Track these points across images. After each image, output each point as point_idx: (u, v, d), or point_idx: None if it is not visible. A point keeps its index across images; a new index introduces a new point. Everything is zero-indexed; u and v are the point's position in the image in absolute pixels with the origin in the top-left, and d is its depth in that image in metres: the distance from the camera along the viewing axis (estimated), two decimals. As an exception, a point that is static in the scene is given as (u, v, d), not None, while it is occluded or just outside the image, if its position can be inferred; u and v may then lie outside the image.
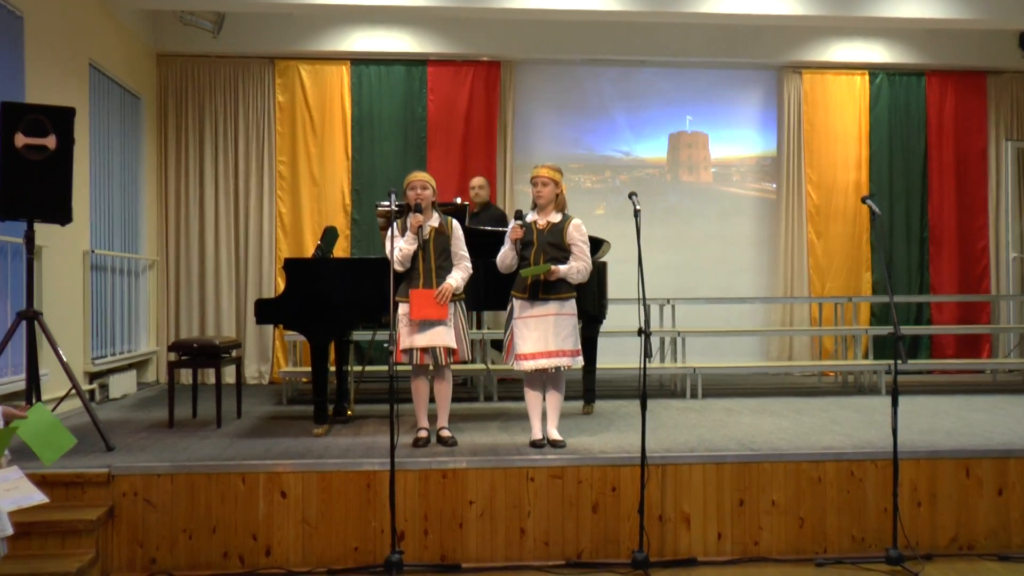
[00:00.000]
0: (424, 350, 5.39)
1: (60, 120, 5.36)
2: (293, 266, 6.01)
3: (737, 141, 10.31)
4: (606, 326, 7.14)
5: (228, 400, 6.97)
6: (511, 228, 5.46)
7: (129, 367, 8.44)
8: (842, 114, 10.12)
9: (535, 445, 5.42)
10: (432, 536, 5.03)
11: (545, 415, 5.61)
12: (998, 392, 8.29)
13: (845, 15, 8.58)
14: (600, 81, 10.08)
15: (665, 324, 9.01)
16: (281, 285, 9.07)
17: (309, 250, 9.17)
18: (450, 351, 5.44)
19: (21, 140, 5.26)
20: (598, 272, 6.64)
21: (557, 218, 5.51)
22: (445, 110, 9.59)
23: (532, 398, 5.57)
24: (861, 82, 10.13)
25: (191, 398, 6.91)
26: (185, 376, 8.94)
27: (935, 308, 10.18)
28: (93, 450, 5.37)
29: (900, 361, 4.87)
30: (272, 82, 9.46)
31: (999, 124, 10.21)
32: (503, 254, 5.53)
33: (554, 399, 5.57)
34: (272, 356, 9.31)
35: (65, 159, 5.36)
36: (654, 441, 5.55)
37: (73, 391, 5.50)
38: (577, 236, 5.50)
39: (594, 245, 6.58)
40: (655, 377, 8.93)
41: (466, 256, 5.61)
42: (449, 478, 5.06)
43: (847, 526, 5.23)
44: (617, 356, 8.36)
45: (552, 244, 5.45)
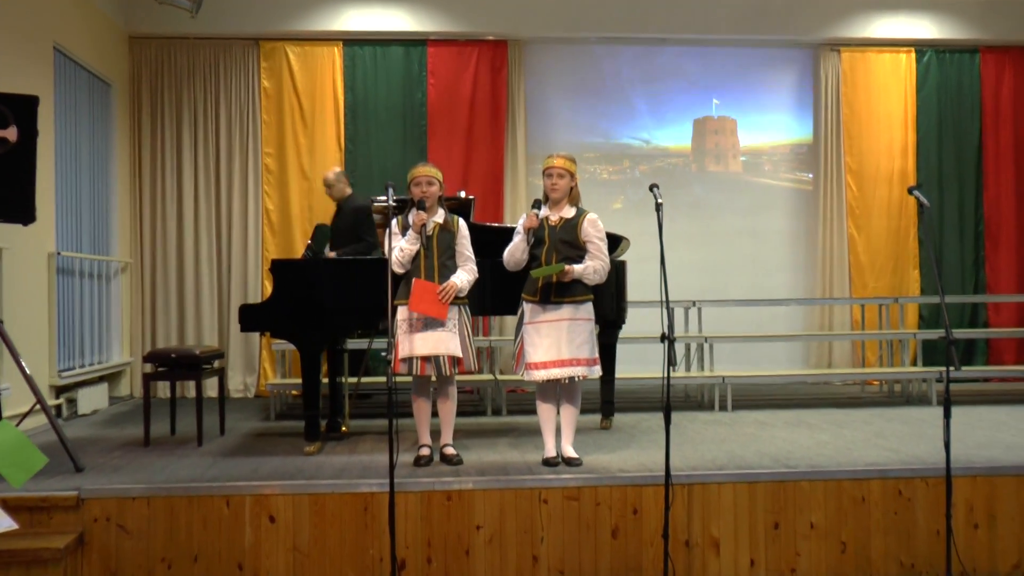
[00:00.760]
0: (426, 359, 5.38)
1: (22, 110, 5.37)
2: (281, 268, 6.01)
3: (769, 127, 10.29)
4: (625, 332, 7.12)
5: (210, 415, 6.97)
6: (525, 217, 5.44)
7: (100, 380, 8.46)
8: (886, 96, 10.10)
9: (548, 463, 5.41)
10: (436, 564, 5.02)
11: (559, 430, 5.60)
12: (1061, 402, 8.26)
13: (888, -14, 8.59)
14: (617, 61, 10.08)
15: (691, 329, 8.99)
16: (268, 289, 9.08)
17: (299, 250, 9.18)
18: (454, 360, 5.42)
19: (-21, 132, 5.28)
20: (616, 272, 6.63)
21: (571, 213, 5.50)
22: (447, 95, 9.60)
23: (544, 412, 5.57)
24: (907, 60, 10.11)
25: (169, 413, 6.91)
26: (162, 389, 8.97)
27: (992, 309, 10.14)
28: (60, 471, 5.37)
29: (953, 368, 4.85)
30: (257, 66, 9.49)
31: (1061, 105, 10.20)
32: (512, 247, 5.50)
33: (569, 413, 5.55)
34: (258, 367, 9.33)
35: (28, 153, 5.36)
36: (679, 458, 5.54)
37: (38, 406, 5.51)
38: (593, 232, 5.49)
39: (612, 242, 6.56)
40: (680, 388, 8.91)
41: (472, 257, 5.61)
42: (454, 500, 5.05)
43: (894, 551, 5.20)
44: (638, 365, 8.35)
45: (566, 242, 5.43)
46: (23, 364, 5.47)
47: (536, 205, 5.47)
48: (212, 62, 9.47)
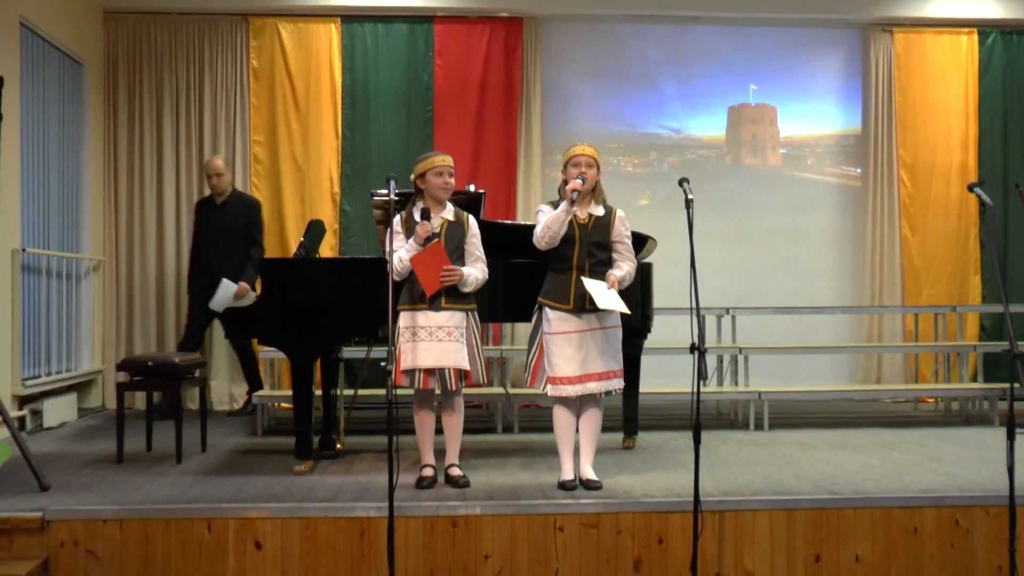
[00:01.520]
0: (429, 372, 5.39)
1: (-14, 91, 5.41)
2: (270, 268, 6.03)
3: (812, 116, 10.27)
4: (651, 341, 7.13)
5: (190, 430, 6.99)
6: (569, 184, 5.36)
7: (68, 390, 8.50)
8: (944, 82, 10.07)
9: (565, 487, 5.41)
10: (438, 597, 5.04)
11: (577, 449, 5.60)
12: None
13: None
14: (644, 42, 10.08)
15: (724, 339, 8.99)
16: (257, 290, 9.10)
17: (290, 248, 9.21)
18: (461, 373, 5.44)
19: (-63, 116, 5.31)
20: (642, 276, 6.64)
21: (600, 211, 5.52)
22: (456, 78, 9.62)
23: (563, 428, 5.56)
24: (968, 42, 10.08)
25: (144, 427, 6.93)
26: (138, 401, 8.99)
27: (1060, 320, 10.11)
28: (24, 490, 5.40)
29: (1017, 385, 4.83)
30: (245, 44, 9.52)
31: None
32: (551, 220, 5.37)
33: (591, 430, 5.56)
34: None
35: (-8, 138, 5.40)
36: (710, 482, 5.54)
37: None
38: (624, 232, 5.56)
39: (637, 243, 6.57)
40: (711, 404, 8.90)
41: (483, 258, 5.63)
42: (460, 527, 5.06)
43: (950, 588, 5.20)
44: (664, 378, 8.34)
45: (597, 244, 5.46)
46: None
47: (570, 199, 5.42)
48: (195, 40, 9.50)
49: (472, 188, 6.79)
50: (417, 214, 5.49)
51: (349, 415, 7.21)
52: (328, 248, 9.20)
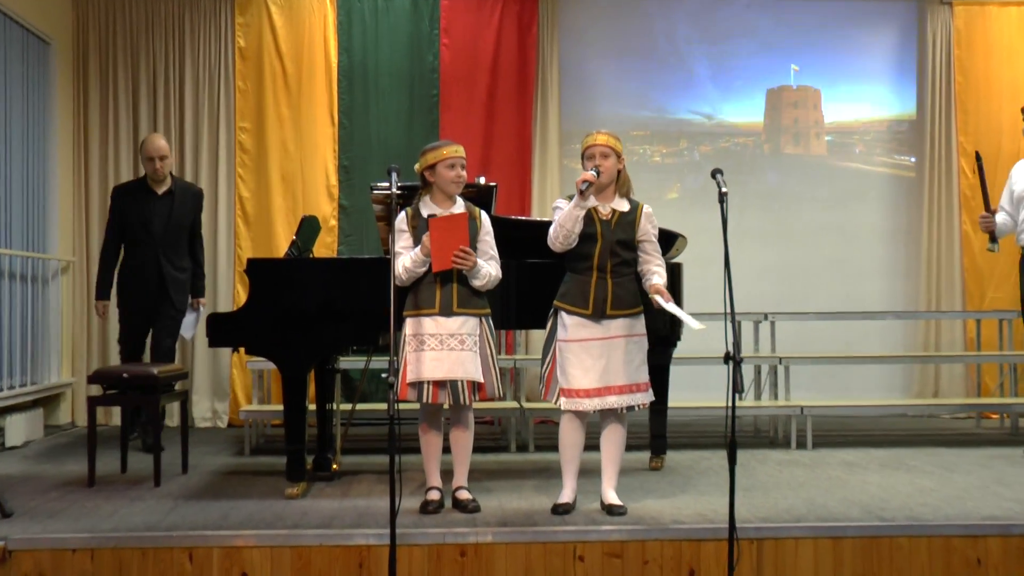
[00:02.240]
0: (439, 385, 5.39)
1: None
2: (259, 269, 6.04)
3: (861, 99, 10.26)
4: (680, 350, 7.13)
5: (171, 449, 7.02)
6: (582, 175, 5.37)
7: (33, 405, 8.53)
8: (1010, 60, 10.06)
9: (557, 511, 5.42)
10: (445, 635, 5.05)
11: (584, 469, 5.60)
12: None
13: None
14: (673, 18, 10.10)
15: (762, 347, 8.99)
16: (243, 295, 9.13)
17: (281, 247, 9.22)
18: (475, 386, 5.45)
19: None
20: (671, 277, 6.63)
21: (624, 206, 5.52)
22: (464, 58, 9.63)
23: (569, 446, 5.55)
24: (1036, 16, 10.08)
25: (119, 446, 6.96)
26: (112, 417, 9.01)
27: None
28: (-11, 516, 5.43)
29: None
30: (230, 21, 9.54)
31: None
32: (564, 218, 5.35)
33: (613, 449, 5.56)
34: (230, 390, 9.38)
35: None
36: (747, 506, 5.54)
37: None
38: (651, 229, 5.56)
39: (666, 241, 6.57)
40: (748, 419, 8.90)
41: (497, 257, 5.64)
42: (469, 556, 5.07)
43: (1016, 625, 5.19)
44: (696, 391, 8.34)
45: (622, 242, 5.45)
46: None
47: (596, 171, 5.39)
48: (175, 16, 9.53)
49: (482, 181, 6.78)
50: (424, 210, 5.51)
51: (346, 432, 7.22)
52: (323, 247, 9.20)
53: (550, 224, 5.49)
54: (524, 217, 8.82)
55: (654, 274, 5.51)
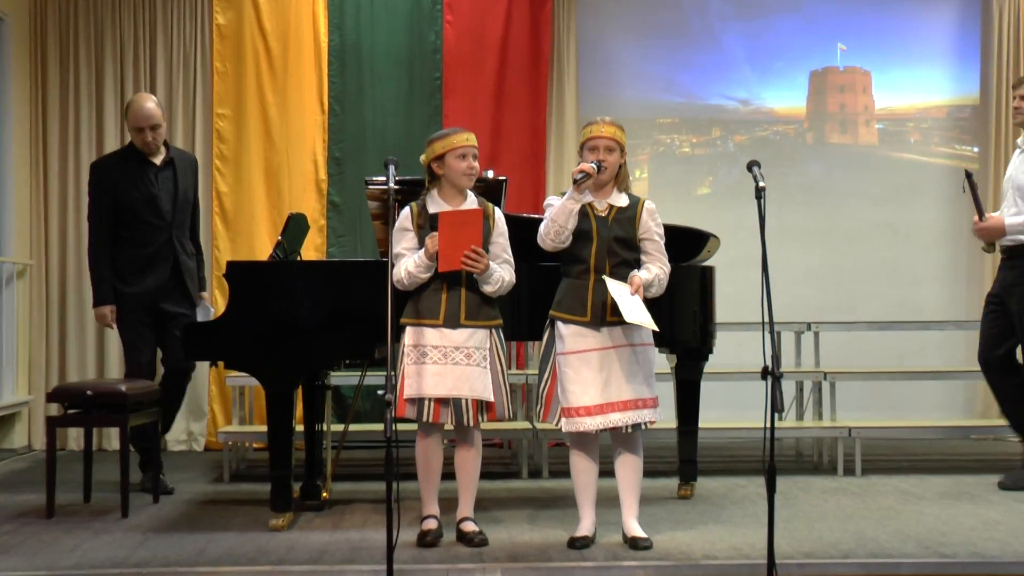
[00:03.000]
0: (442, 402, 5.38)
1: None
2: (240, 273, 6.05)
3: (917, 82, 10.25)
4: (712, 364, 7.12)
5: (140, 475, 7.03)
6: (579, 165, 5.37)
7: (-13, 426, 8.54)
8: (1084, 38, 10.06)
9: (574, 544, 5.42)
10: None
11: (604, 497, 5.60)
12: None
13: None
14: (705, -9, 10.13)
15: (804, 362, 8.97)
16: (222, 302, 9.14)
17: (264, 249, 9.23)
18: (483, 406, 5.44)
19: None
20: (702, 282, 6.63)
21: (623, 201, 5.51)
22: (470, 37, 9.64)
23: (581, 473, 5.55)
24: (1117, -13, 10.07)
25: (82, 472, 6.97)
26: (73, 439, 9.01)
27: None
28: (-63, 550, 5.45)
29: None
30: (209, -5, 9.57)
31: None
32: (556, 212, 5.34)
33: (631, 475, 5.54)
34: (208, 409, 9.39)
35: None
36: (788, 540, 5.53)
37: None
38: (654, 227, 5.53)
39: (695, 241, 6.57)
40: (789, 442, 8.90)
41: (511, 261, 5.63)
42: (475, 595, 5.07)
43: (1092, 675, 5.18)
44: (730, 410, 8.34)
45: (621, 240, 5.44)
46: None
47: (597, 166, 5.39)
48: (148, -10, 9.57)
49: (491, 175, 6.80)
50: (432, 206, 5.50)
51: (338, 456, 7.23)
52: (312, 249, 9.21)
53: None
54: (537, 215, 8.80)
55: (644, 268, 5.46)
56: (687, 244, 6.64)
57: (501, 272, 5.48)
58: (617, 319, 5.34)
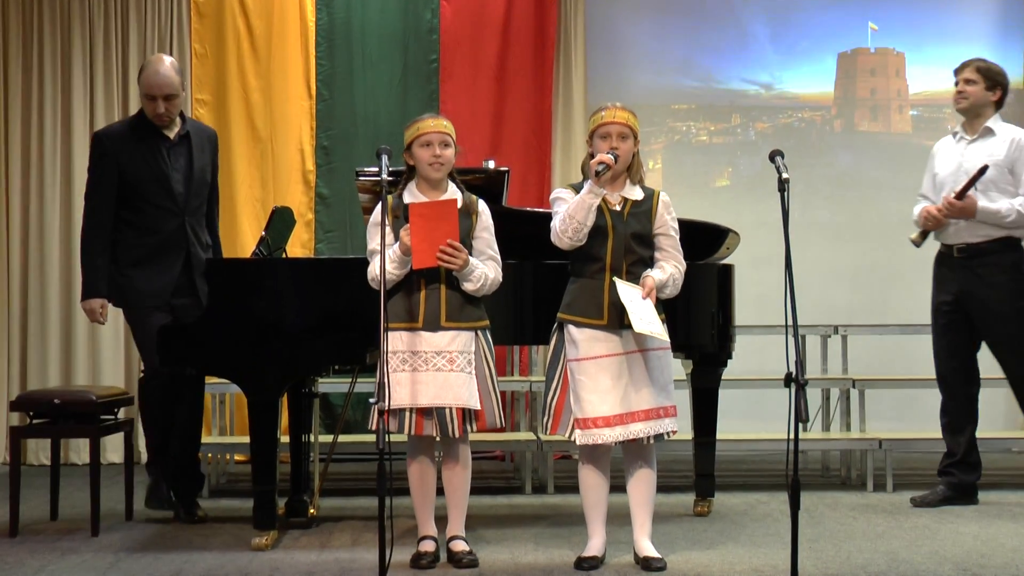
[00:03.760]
0: (424, 413, 5.37)
1: None
2: (220, 271, 6.08)
3: (954, 64, 10.22)
4: (732, 370, 7.13)
5: (111, 491, 7.05)
6: (597, 156, 5.33)
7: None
8: None
9: (582, 565, 5.41)
10: None
11: (615, 514, 5.61)
12: None
13: None
14: (724, -35, 10.14)
15: (831, 368, 8.98)
16: (200, 303, 9.17)
17: (247, 245, 9.25)
18: (469, 415, 5.44)
19: None
20: (720, 282, 6.65)
21: (638, 194, 5.50)
22: (469, 15, 9.65)
23: (592, 488, 5.53)
24: None
25: (48, 487, 6.98)
26: (38, 452, 9.01)
27: None
28: None
29: None
30: (185, -30, 9.59)
31: None
32: (574, 208, 5.28)
33: (644, 490, 5.53)
34: (184, 419, 9.39)
35: None
36: (813, 561, 5.54)
37: None
38: (669, 220, 5.51)
39: (712, 237, 6.58)
40: (815, 455, 8.91)
41: (496, 257, 5.61)
42: (474, 620, 5.09)
43: None
44: (751, 420, 8.36)
45: (638, 236, 5.43)
46: None
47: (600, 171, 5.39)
48: (118, -37, 9.59)
49: (492, 165, 6.79)
50: (408, 198, 5.48)
51: (326, 470, 7.25)
52: (299, 245, 9.25)
53: None
54: (543, 209, 8.81)
55: (658, 268, 5.45)
56: (704, 240, 6.64)
57: (484, 269, 5.44)
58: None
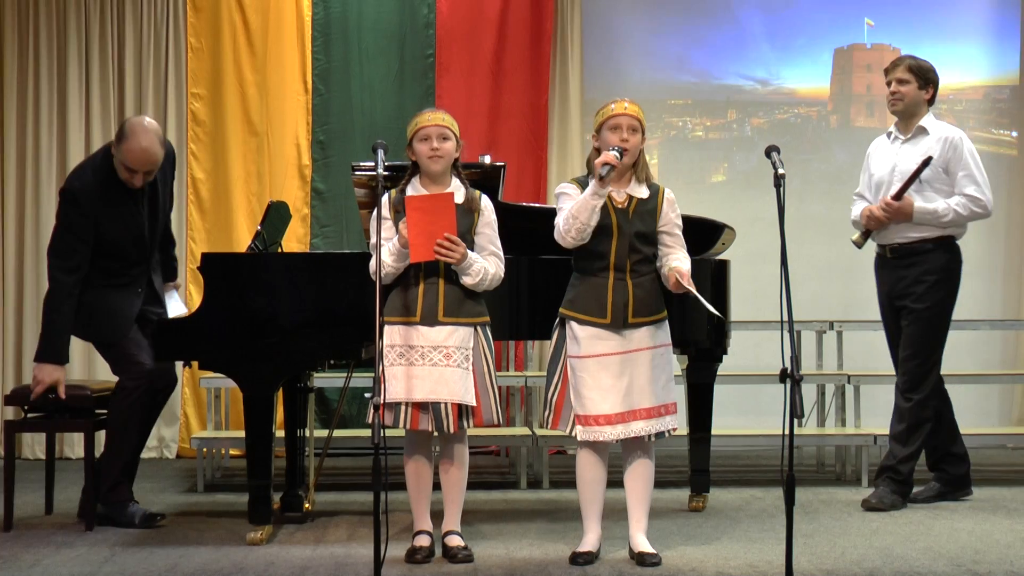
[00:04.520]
0: (420, 407, 5.37)
1: None
2: (216, 266, 6.06)
3: (950, 61, 10.24)
4: (727, 366, 7.12)
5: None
6: (602, 156, 5.27)
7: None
8: None
9: (577, 560, 5.40)
10: None
11: (610, 509, 5.62)
12: None
13: None
14: (721, -39, 10.13)
15: (827, 364, 8.98)
16: (196, 298, 9.15)
17: (243, 240, 9.24)
18: (465, 411, 5.43)
19: None
20: (715, 278, 6.64)
21: (643, 191, 5.49)
22: (466, 11, 9.64)
23: (589, 483, 5.52)
24: None
25: (44, 482, 6.98)
26: (33, 446, 9.01)
27: None
28: None
29: None
30: (182, -36, 9.57)
31: None
32: (578, 208, 5.26)
33: (641, 487, 5.54)
34: (180, 414, 9.40)
35: None
36: (808, 556, 5.54)
37: None
38: (674, 218, 5.51)
39: (707, 233, 6.57)
40: (810, 451, 8.91)
41: (499, 253, 5.61)
42: (469, 615, 5.10)
43: None
44: (746, 416, 8.35)
45: (641, 235, 5.43)
46: None
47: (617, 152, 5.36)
48: (113, -43, 9.57)
49: (487, 160, 6.80)
50: (411, 191, 5.48)
51: (321, 464, 7.25)
52: (294, 240, 9.23)
53: None
54: (539, 204, 8.82)
55: (676, 260, 5.43)
56: (700, 236, 6.62)
57: (483, 263, 5.42)
58: (637, 322, 5.36)
